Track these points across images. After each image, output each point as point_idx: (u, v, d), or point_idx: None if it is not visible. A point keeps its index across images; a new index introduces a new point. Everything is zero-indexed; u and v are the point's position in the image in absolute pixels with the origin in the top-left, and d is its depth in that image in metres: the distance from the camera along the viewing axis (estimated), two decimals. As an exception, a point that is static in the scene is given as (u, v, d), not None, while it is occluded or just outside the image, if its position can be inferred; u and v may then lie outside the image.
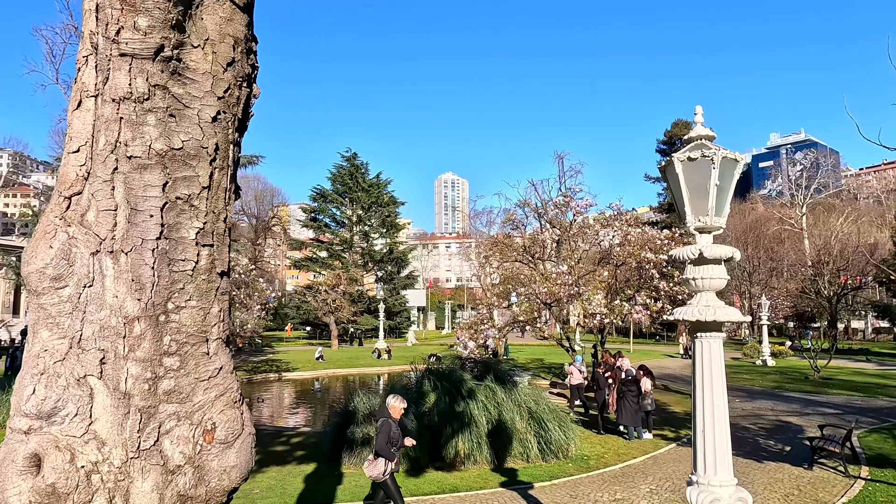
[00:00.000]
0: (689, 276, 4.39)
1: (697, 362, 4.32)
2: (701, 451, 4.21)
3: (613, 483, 9.89)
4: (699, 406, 4.27)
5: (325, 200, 57.88)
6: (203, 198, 1.85)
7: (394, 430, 7.58)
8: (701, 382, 4.27)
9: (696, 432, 4.27)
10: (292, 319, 61.49)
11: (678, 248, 4.44)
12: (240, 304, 26.44)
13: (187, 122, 1.80)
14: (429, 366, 13.04)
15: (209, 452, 1.84)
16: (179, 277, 1.80)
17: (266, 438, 13.49)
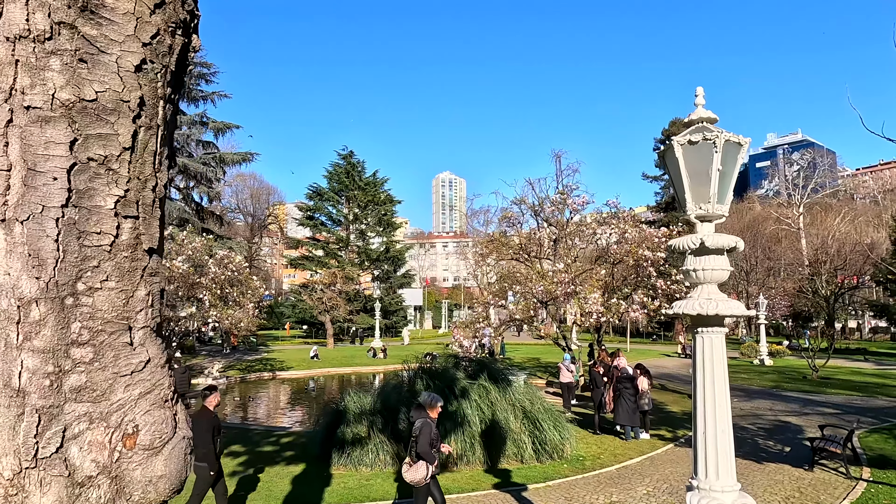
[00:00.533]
0: (690, 268, 4.12)
1: (698, 359, 4.06)
2: (702, 454, 3.95)
3: (609, 485, 9.63)
4: (700, 406, 4.00)
5: (321, 199, 57.54)
6: (124, 161, 1.58)
7: (434, 430, 7.18)
8: (702, 381, 4.01)
9: (697, 434, 4.00)
10: (288, 318, 61.12)
11: (677, 237, 4.16)
12: (233, 303, 26.10)
13: (103, 70, 1.52)
14: (422, 364, 12.76)
15: (130, 460, 1.56)
16: (93, 253, 1.53)
17: (255, 438, 13.22)
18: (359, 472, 10.21)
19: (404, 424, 10.86)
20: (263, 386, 26.69)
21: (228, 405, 21.77)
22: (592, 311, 19.91)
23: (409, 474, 7.06)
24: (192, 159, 31.86)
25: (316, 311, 46.84)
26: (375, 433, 10.84)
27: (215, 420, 7.69)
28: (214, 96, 33.82)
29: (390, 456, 10.57)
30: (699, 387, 4.02)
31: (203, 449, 7.34)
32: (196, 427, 7.42)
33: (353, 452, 10.60)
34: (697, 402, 4.02)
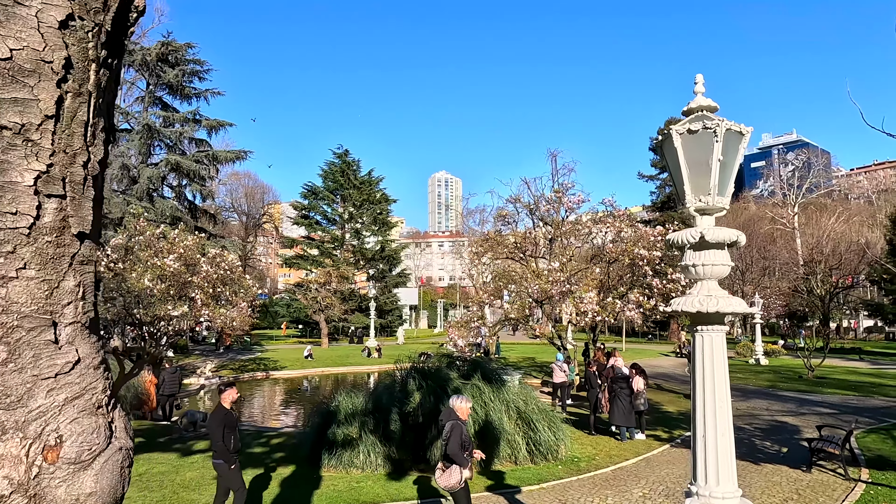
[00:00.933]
0: (689, 263, 3.93)
1: (697, 358, 3.87)
2: (701, 458, 3.76)
3: (604, 487, 9.45)
4: (699, 407, 3.81)
5: (316, 198, 57.27)
6: (47, 131, 1.37)
7: (465, 433, 6.87)
8: (701, 381, 3.82)
9: (696, 437, 3.81)
10: (282, 318, 60.83)
11: (675, 232, 3.96)
12: (226, 302, 25.81)
13: (19, 25, 1.32)
14: (415, 364, 12.55)
15: (52, 476, 1.36)
16: (7, 237, 1.32)
17: (245, 440, 12.96)
18: (349, 474, 10.00)
19: (396, 425, 10.67)
20: (256, 386, 26.44)
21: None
22: (587, 310, 19.74)
23: (442, 480, 6.74)
24: (185, 157, 31.57)
25: (310, 311, 46.61)
26: (367, 434, 10.63)
27: (229, 416, 7.50)
28: (208, 94, 33.53)
29: (382, 458, 10.36)
30: (699, 388, 3.83)
31: (216, 445, 7.23)
32: (210, 423, 7.27)
33: (344, 454, 10.39)
34: (697, 404, 3.83)
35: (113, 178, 29.99)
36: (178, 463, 10.76)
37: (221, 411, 7.51)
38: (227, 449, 7.28)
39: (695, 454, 3.82)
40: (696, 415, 3.83)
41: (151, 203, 29.86)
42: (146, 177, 29.67)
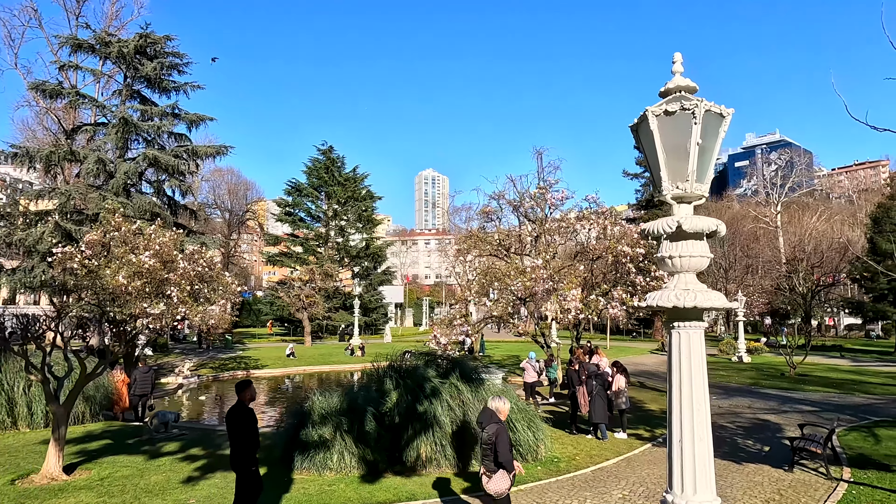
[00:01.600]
0: (665, 254, 3.67)
1: (674, 357, 3.61)
2: (677, 464, 3.50)
3: (584, 488, 9.21)
4: (675, 409, 3.55)
5: (300, 194, 56.71)
6: None
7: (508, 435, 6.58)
8: (678, 381, 3.56)
9: (672, 442, 3.56)
10: (265, 316, 60.12)
11: (651, 221, 3.69)
12: (204, 299, 25.30)
13: None
14: (392, 363, 12.23)
15: None
16: None
17: (217, 441, 12.61)
18: (322, 476, 9.67)
19: (371, 426, 10.35)
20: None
21: (197, 405, 21.08)
22: (571, 307, 19.53)
23: (492, 485, 6.41)
24: (164, 152, 30.85)
25: (293, 309, 46.05)
26: (341, 435, 10.29)
27: (247, 415, 7.12)
28: (187, 87, 32.74)
29: (356, 460, 10.04)
30: (675, 388, 3.57)
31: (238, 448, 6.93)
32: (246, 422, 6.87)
33: (317, 455, 10.05)
34: (673, 406, 3.58)
35: (89, 173, 29.26)
36: (145, 466, 10.36)
37: (247, 411, 7.08)
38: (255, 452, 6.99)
39: (671, 460, 3.57)
40: (672, 418, 3.57)
41: (129, 198, 29.17)
42: (123, 172, 28.94)
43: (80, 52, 31.61)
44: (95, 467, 10.20)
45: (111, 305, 21.22)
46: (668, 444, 3.61)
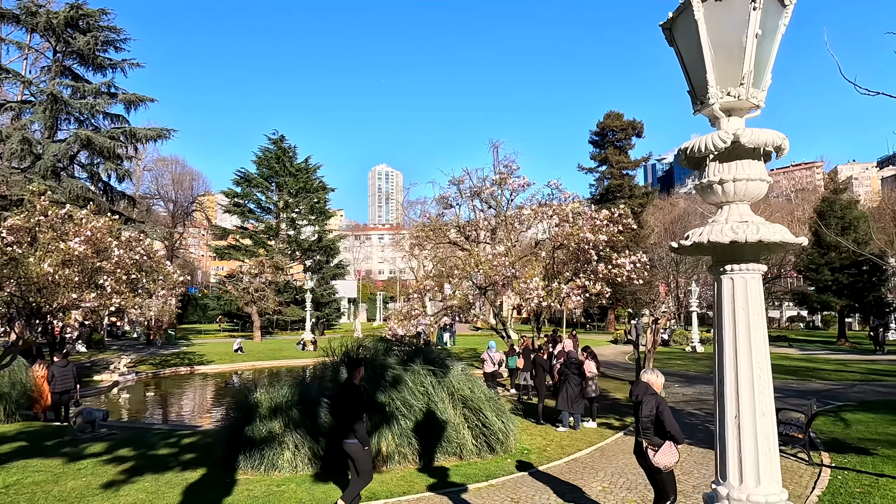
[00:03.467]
0: (713, 179, 2.87)
1: (726, 310, 2.82)
2: (733, 446, 2.72)
3: (560, 481, 8.47)
4: (729, 377, 2.77)
5: (249, 185, 54.38)
6: None
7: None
8: (732, 340, 2.77)
9: (725, 419, 2.77)
10: (212, 311, 57.62)
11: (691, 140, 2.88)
12: (143, 290, 23.51)
13: None
14: (348, 351, 11.22)
15: None
16: None
17: (151, 440, 11.31)
18: (269, 476, 8.61)
19: (326, 419, 9.34)
20: (178, 382, 24.31)
21: (134, 403, 19.47)
22: (533, 295, 18.93)
23: (661, 458, 6.07)
24: (99, 133, 28.67)
25: (242, 303, 44.07)
26: (291, 430, 9.24)
27: (362, 394, 7.16)
28: (125, 65, 30.57)
29: (308, 457, 9.01)
30: (727, 350, 2.78)
31: (350, 426, 6.85)
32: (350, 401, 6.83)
33: (265, 453, 8.97)
34: (726, 374, 2.79)
35: (12, 155, 26.83)
36: (61, 470, 9.03)
37: (358, 388, 7.11)
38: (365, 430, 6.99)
39: (723, 442, 2.78)
40: (725, 388, 2.78)
41: (58, 182, 26.91)
42: (52, 153, 26.67)
43: (3, 23, 29.03)
44: (1, 473, 8.81)
45: (36, 296, 19.37)
46: (719, 423, 2.84)
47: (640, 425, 6.32)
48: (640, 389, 6.49)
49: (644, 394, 6.38)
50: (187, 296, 66.66)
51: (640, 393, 6.46)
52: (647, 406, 6.23)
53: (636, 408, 6.44)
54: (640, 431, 6.33)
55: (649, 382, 6.52)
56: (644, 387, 6.49)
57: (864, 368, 23.15)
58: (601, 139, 62.51)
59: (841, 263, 38.04)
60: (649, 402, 6.25)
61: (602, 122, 62.07)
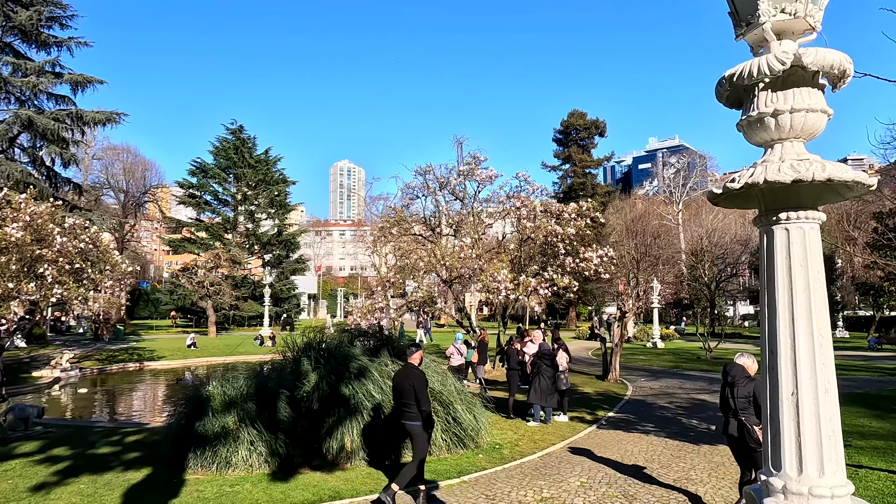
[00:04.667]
0: (763, 111, 2.41)
1: (779, 271, 2.37)
2: (790, 432, 2.28)
3: (536, 477, 8.03)
4: (784, 348, 2.32)
5: (206, 176, 52.38)
6: None
7: None
8: (787, 306, 2.32)
9: (780, 398, 2.32)
10: (164, 306, 55.40)
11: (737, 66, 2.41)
12: (88, 280, 22.09)
13: None
14: (310, 341, 10.53)
15: None
16: None
17: (91, 439, 10.39)
18: (222, 476, 7.89)
19: (286, 413, 8.67)
20: (126, 378, 23.02)
21: (76, 400, 18.23)
22: (501, 288, 18.54)
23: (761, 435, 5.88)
24: (42, 114, 26.91)
25: (196, 297, 42.41)
26: (247, 425, 8.52)
27: (424, 376, 7.35)
28: (71, 43, 28.75)
29: (266, 453, 8.32)
30: (781, 319, 2.33)
31: (414, 408, 7.07)
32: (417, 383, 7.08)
33: (217, 451, 8.24)
34: (780, 345, 2.34)
35: (-55, 134, 24.97)
36: (-15, 472, 8.10)
37: (420, 372, 7.36)
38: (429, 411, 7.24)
39: (776, 425, 2.33)
40: (780, 362, 2.33)
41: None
42: (-11, 134, 24.93)
43: (-65, -6, 26.96)
44: (-86, 476, 7.83)
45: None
46: (770, 403, 2.39)
47: (735, 405, 6.59)
48: (737, 372, 6.81)
49: (740, 376, 6.74)
50: (138, 290, 64.09)
51: (736, 375, 6.78)
52: (744, 388, 6.58)
53: (729, 388, 6.74)
54: (735, 412, 6.57)
55: (745, 366, 6.86)
56: (740, 369, 6.82)
57: (821, 363, 23.63)
58: (565, 137, 62.91)
59: (794, 262, 39.08)
60: (747, 385, 6.58)
61: (566, 121, 62.47)
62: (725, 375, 6.99)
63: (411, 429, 7.14)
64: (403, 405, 7.17)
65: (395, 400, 7.39)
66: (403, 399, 7.16)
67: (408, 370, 7.36)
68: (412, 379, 7.12)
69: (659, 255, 57.55)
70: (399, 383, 7.25)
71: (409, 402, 7.08)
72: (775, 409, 2.35)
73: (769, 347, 2.43)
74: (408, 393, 7.06)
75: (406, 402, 7.12)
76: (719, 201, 2.57)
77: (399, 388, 7.23)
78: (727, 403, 6.74)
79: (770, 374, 2.43)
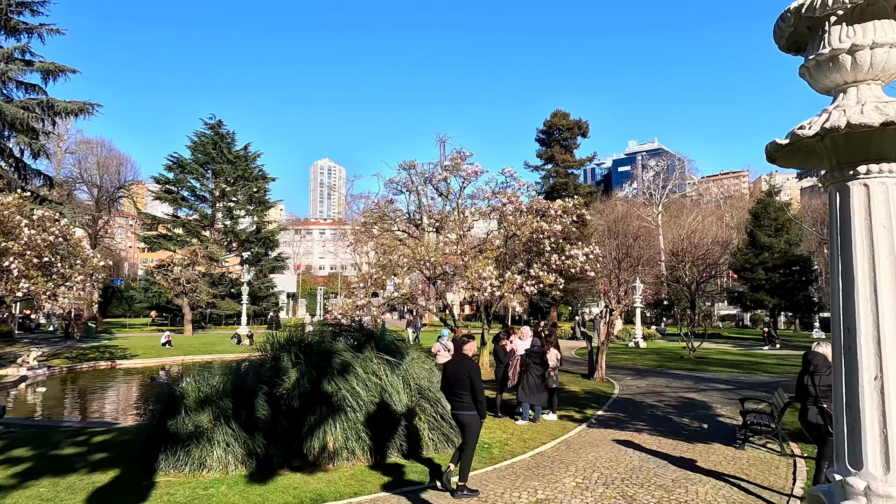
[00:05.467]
0: (838, 48, 2.06)
1: (857, 234, 2.03)
2: (873, 423, 1.95)
3: (529, 477, 7.67)
4: (865, 328, 1.99)
5: (183, 171, 51.21)
6: None
7: None
8: (868, 276, 2.00)
9: (859, 385, 1.98)
10: (139, 304, 54.10)
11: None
12: (58, 275, 21.26)
13: None
14: (291, 337, 10.06)
15: None
16: None
17: (56, 438, 9.79)
18: (196, 478, 7.40)
19: (264, 411, 8.20)
20: (97, 377, 22.19)
21: (43, 399, 17.45)
22: (486, 285, 18.19)
23: None
24: (11, 103, 25.93)
25: (172, 294, 41.39)
26: (223, 424, 8.04)
27: (478, 367, 7.45)
28: (42, 30, 27.78)
29: (243, 454, 7.85)
30: (861, 291, 2.00)
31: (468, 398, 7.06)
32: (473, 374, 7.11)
33: (190, 451, 7.75)
34: (860, 322, 2.01)
35: None
36: (-64, 475, 7.50)
37: (475, 363, 7.41)
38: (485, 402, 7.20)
39: (854, 416, 1.98)
40: (860, 341, 1.98)
41: (-40, 155, 24.14)
42: (-47, 122, 23.90)
43: None
44: None
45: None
46: (847, 389, 2.05)
47: (816, 392, 6.73)
48: (819, 360, 6.95)
49: (822, 365, 6.86)
50: (112, 287, 62.61)
51: (818, 364, 6.92)
52: (827, 377, 6.56)
53: (810, 377, 6.88)
54: (817, 398, 6.69)
55: (826, 355, 6.93)
56: (822, 358, 6.95)
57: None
58: (548, 137, 62.90)
59: (774, 263, 39.44)
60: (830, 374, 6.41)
61: (549, 121, 62.47)
62: (807, 364, 7.08)
63: (465, 419, 7.09)
64: (456, 395, 7.15)
65: (446, 390, 7.37)
66: (456, 389, 7.14)
67: (462, 360, 7.37)
68: (468, 369, 7.09)
69: (640, 256, 57.99)
70: (453, 373, 7.22)
71: (462, 393, 7.04)
72: (853, 396, 2.01)
73: (844, 324, 2.08)
74: (463, 383, 7.03)
75: (459, 392, 7.09)
76: (779, 156, 2.22)
77: (453, 378, 7.20)
78: (806, 391, 6.87)
79: (846, 356, 2.09)
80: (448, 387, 7.28)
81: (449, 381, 7.26)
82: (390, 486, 7.26)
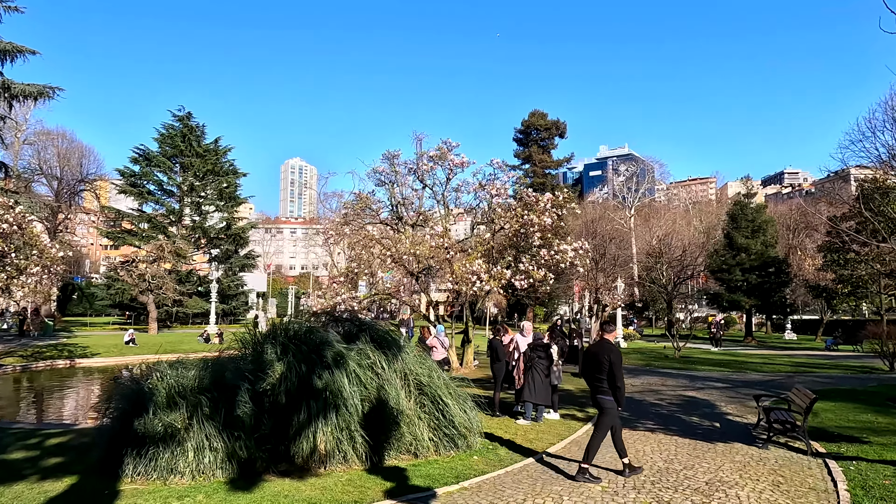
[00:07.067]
0: None
1: None
2: None
3: (549, 482, 6.88)
4: None
5: (149, 164, 49.13)
6: None
7: None
8: None
9: None
10: (100, 301, 51.76)
11: None
12: (11, 267, 19.73)
13: None
14: (277, 326, 9.10)
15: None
16: None
17: (5, 441, 8.63)
18: (167, 484, 6.42)
19: (246, 409, 7.24)
20: (54, 376, 20.68)
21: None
22: (474, 279, 17.42)
23: None
24: (-38, 84, 24.20)
25: (136, 291, 39.50)
26: (199, 423, 7.05)
27: (620, 353, 7.28)
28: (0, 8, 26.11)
29: (222, 457, 6.88)
30: None
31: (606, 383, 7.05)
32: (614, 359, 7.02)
33: (161, 455, 6.75)
34: None
35: None
36: None
37: (617, 348, 7.25)
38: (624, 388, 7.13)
39: None
40: None
41: None
42: None
43: None
44: None
45: None
46: None
47: None
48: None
49: None
50: (71, 284, 59.99)
51: None
52: None
53: None
54: None
55: None
56: None
57: (789, 361, 23.59)
58: (525, 137, 62.68)
59: (751, 265, 39.59)
60: None
61: (527, 121, 62.25)
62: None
63: (603, 402, 7.08)
64: (596, 380, 7.17)
65: (587, 374, 7.41)
66: (596, 373, 7.15)
67: (604, 344, 7.30)
68: (609, 354, 7.02)
69: (617, 257, 58.19)
70: (595, 357, 7.22)
71: (601, 377, 7.06)
72: None
73: None
74: (603, 367, 7.01)
75: (599, 376, 7.10)
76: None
77: (594, 361, 7.21)
78: None
79: None
80: (588, 370, 7.31)
81: (588, 365, 7.27)
82: (394, 492, 6.38)
